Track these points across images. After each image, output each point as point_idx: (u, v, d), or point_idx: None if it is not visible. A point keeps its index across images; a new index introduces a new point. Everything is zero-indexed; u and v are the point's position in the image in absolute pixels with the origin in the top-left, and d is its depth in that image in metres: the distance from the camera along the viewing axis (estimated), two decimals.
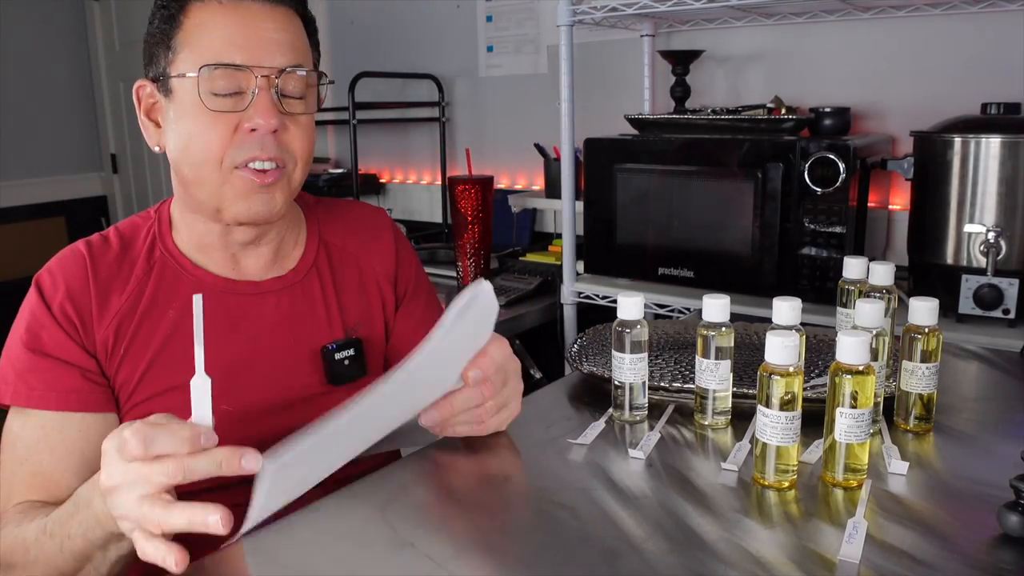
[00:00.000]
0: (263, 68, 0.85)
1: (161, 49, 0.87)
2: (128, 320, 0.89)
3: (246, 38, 0.85)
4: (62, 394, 0.85)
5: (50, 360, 0.85)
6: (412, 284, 1.09)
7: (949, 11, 1.62)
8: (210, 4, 0.86)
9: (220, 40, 0.85)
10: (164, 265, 0.93)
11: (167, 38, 0.87)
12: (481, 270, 1.97)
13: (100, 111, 3.70)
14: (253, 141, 0.86)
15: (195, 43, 0.85)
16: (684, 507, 0.70)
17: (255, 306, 0.95)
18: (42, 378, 0.85)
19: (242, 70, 0.84)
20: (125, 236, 0.95)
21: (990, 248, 1.29)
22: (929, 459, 0.79)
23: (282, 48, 0.87)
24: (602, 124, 1.89)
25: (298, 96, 0.89)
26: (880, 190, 1.62)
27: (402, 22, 2.61)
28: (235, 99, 0.85)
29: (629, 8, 1.58)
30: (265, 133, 0.85)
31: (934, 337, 0.83)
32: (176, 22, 0.86)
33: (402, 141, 2.68)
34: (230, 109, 0.85)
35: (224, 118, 0.85)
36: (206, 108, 0.84)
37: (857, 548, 0.62)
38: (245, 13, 0.86)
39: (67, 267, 0.90)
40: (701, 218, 1.57)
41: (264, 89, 0.85)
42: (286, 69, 0.86)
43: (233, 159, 0.86)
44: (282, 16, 0.88)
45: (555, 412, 0.95)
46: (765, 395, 0.72)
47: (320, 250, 1.02)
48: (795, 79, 1.87)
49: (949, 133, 1.37)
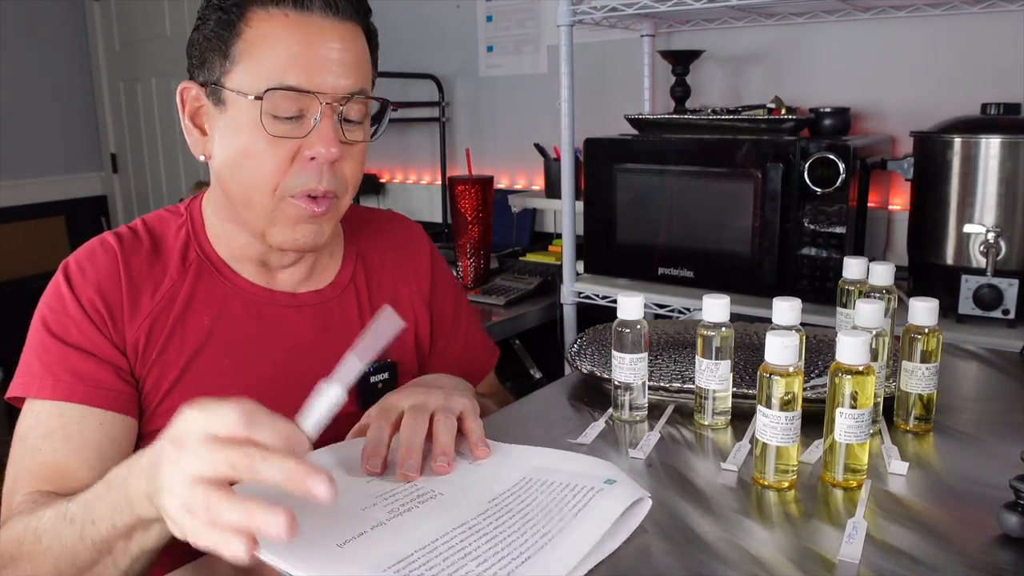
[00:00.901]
0: (327, 94, 0.80)
1: (216, 55, 0.82)
2: (161, 323, 0.85)
3: (312, 58, 0.80)
4: (91, 388, 0.81)
5: (79, 352, 0.82)
6: (449, 317, 1.05)
7: (949, 11, 1.62)
8: (275, 15, 0.80)
9: (284, 58, 0.79)
10: (200, 269, 0.89)
11: (224, 44, 0.81)
12: (481, 270, 1.97)
13: (100, 111, 3.70)
14: (311, 171, 0.81)
15: (256, 57, 0.80)
16: (684, 507, 0.70)
17: (291, 319, 0.92)
18: (70, 368, 0.81)
19: (306, 95, 0.79)
20: (155, 232, 0.91)
21: (990, 248, 1.29)
22: (929, 459, 0.79)
23: (347, 71, 0.81)
24: (602, 124, 1.89)
25: (358, 122, 0.85)
26: (880, 190, 1.62)
27: (402, 22, 2.61)
28: (296, 124, 0.80)
29: (629, 8, 1.58)
30: (324, 162, 0.81)
31: (934, 337, 0.83)
32: (235, 29, 0.80)
33: (402, 141, 2.68)
34: (290, 135, 0.80)
35: (283, 143, 0.80)
36: (265, 131, 0.80)
37: (857, 548, 0.62)
38: (312, 29, 0.80)
39: (99, 260, 0.86)
40: (701, 218, 1.57)
41: (328, 116, 0.80)
42: (351, 96, 0.82)
43: (288, 188, 0.82)
44: (349, 33, 0.83)
45: (555, 412, 0.95)
46: (765, 395, 0.72)
47: (358, 265, 0.99)
48: (795, 79, 1.87)
49: (949, 133, 1.37)
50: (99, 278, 0.84)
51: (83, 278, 0.84)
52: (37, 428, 0.81)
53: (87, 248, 0.88)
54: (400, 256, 1.03)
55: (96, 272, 0.85)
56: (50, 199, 3.49)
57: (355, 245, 1.00)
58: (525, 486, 0.70)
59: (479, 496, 0.67)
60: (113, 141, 3.73)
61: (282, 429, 0.57)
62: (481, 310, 1.85)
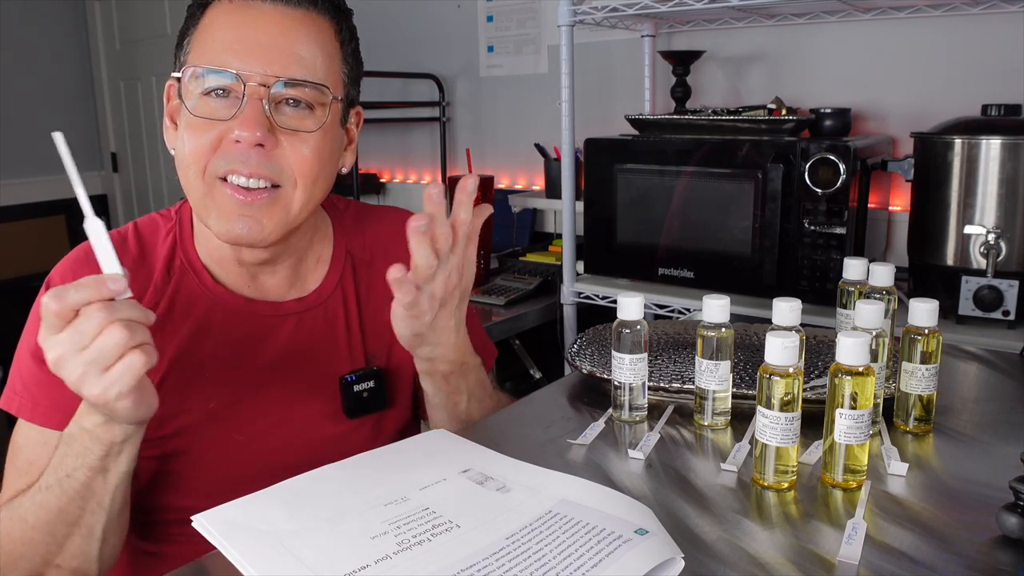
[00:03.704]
0: (254, 76, 0.79)
1: (180, 49, 0.85)
2: None
3: (243, 42, 0.80)
4: (67, 415, 0.80)
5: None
6: None
7: (949, 12, 1.62)
8: (223, 4, 0.81)
9: (219, 43, 0.80)
10: (183, 277, 0.89)
11: (182, 38, 0.84)
12: (481, 270, 1.97)
13: (100, 110, 3.70)
14: (236, 153, 0.80)
15: (199, 45, 0.82)
16: (683, 508, 0.70)
17: (273, 328, 0.90)
18: (48, 394, 0.82)
19: (227, 76, 0.79)
20: (144, 237, 0.91)
21: (990, 249, 1.29)
22: (928, 460, 0.79)
23: (282, 56, 0.80)
24: (602, 124, 1.90)
25: (306, 108, 0.82)
26: (880, 191, 1.62)
27: (402, 22, 2.61)
28: (224, 107, 0.80)
29: (630, 8, 1.58)
30: (249, 146, 0.79)
31: (934, 338, 0.83)
32: (195, 21, 0.83)
33: (402, 141, 2.68)
34: (214, 116, 0.80)
35: (210, 125, 0.80)
36: (191, 114, 0.81)
37: (856, 549, 0.62)
38: (254, 15, 0.80)
39: (79, 269, 0.85)
40: (701, 218, 1.57)
41: (254, 99, 0.79)
42: (283, 81, 0.80)
43: (215, 169, 0.81)
44: (295, 20, 0.81)
45: (554, 412, 0.95)
46: (765, 396, 0.72)
47: (346, 267, 0.96)
48: (796, 80, 1.87)
49: (950, 134, 1.37)
50: None
51: None
52: (25, 451, 0.83)
53: (71, 260, 0.87)
54: (392, 253, 0.99)
55: None
56: (50, 198, 3.49)
57: (344, 245, 0.97)
58: (548, 521, 0.64)
59: (497, 531, 0.62)
60: (113, 140, 3.73)
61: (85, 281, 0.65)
62: (481, 310, 1.85)
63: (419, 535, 0.61)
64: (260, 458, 0.86)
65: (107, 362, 0.65)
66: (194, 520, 0.61)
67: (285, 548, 0.58)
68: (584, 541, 0.61)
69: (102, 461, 0.73)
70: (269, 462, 0.80)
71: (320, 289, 0.94)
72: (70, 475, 0.74)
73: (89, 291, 0.64)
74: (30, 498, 0.77)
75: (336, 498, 0.66)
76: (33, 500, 0.76)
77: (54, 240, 3.47)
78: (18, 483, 0.82)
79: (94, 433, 0.72)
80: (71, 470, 0.74)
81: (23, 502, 0.77)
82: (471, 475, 0.71)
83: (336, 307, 0.94)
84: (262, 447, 0.86)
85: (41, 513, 0.75)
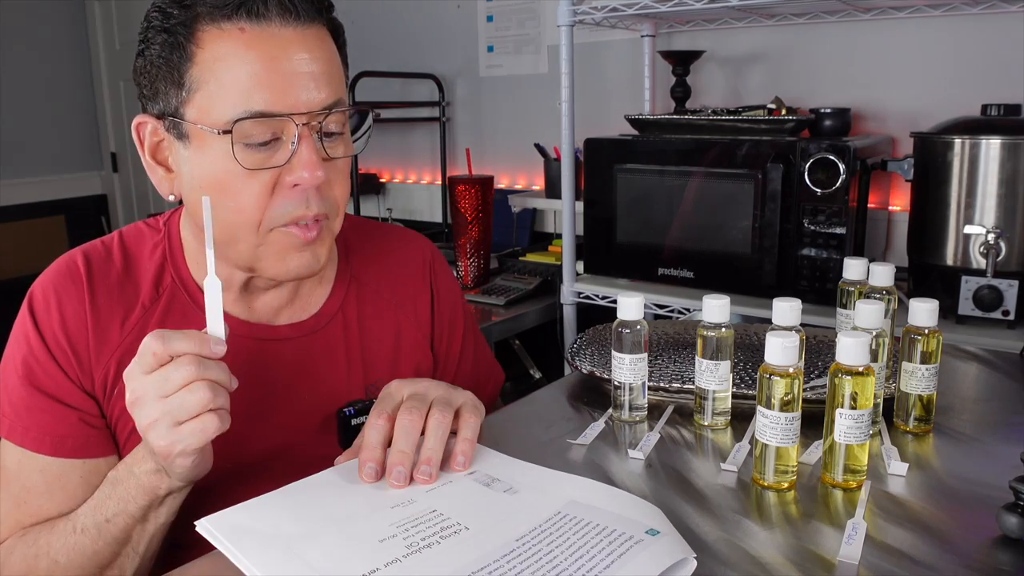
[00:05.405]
0: (302, 113, 0.72)
1: (168, 84, 0.74)
2: (130, 357, 0.75)
3: (278, 75, 0.71)
4: (57, 439, 0.78)
5: (47, 399, 0.78)
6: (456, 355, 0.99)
7: (949, 12, 1.62)
8: (229, 32, 0.71)
9: (247, 80, 0.71)
10: (174, 296, 0.83)
11: (176, 71, 0.73)
12: (481, 270, 1.97)
13: (100, 110, 3.70)
14: (296, 199, 0.74)
15: (216, 83, 0.71)
16: (683, 508, 0.70)
17: (269, 353, 0.85)
18: (37, 419, 0.78)
19: (276, 119, 0.72)
20: (129, 249, 0.85)
21: (990, 249, 1.29)
22: (928, 460, 0.79)
23: (320, 83, 0.74)
24: (602, 124, 1.90)
25: (339, 134, 0.77)
26: (880, 191, 1.62)
27: (402, 22, 2.61)
28: (271, 150, 0.73)
29: (630, 8, 1.58)
30: (310, 187, 0.74)
31: (934, 338, 0.83)
32: (186, 53, 0.72)
33: (402, 141, 2.68)
34: (267, 165, 0.73)
35: (261, 175, 0.73)
36: (239, 165, 0.72)
37: (856, 549, 0.62)
38: (273, 42, 0.71)
39: (61, 287, 0.81)
40: (701, 218, 1.57)
41: (306, 137, 0.73)
42: (329, 110, 0.74)
43: (273, 220, 0.75)
44: (315, 39, 0.75)
45: (554, 412, 0.95)
46: (765, 396, 0.72)
47: (350, 291, 0.91)
48: (795, 80, 1.87)
49: (949, 134, 1.37)
50: (62, 309, 0.80)
51: (48, 315, 0.80)
52: (20, 477, 0.78)
53: (54, 274, 0.82)
54: (399, 279, 0.95)
55: (60, 307, 0.80)
56: (50, 198, 3.49)
57: (349, 267, 0.92)
58: (558, 523, 0.63)
59: (507, 533, 0.61)
60: (113, 140, 3.72)
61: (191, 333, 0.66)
62: (481, 310, 1.85)
63: (428, 537, 0.60)
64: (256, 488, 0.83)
65: (183, 417, 0.65)
66: (198, 524, 0.60)
67: (293, 552, 0.58)
68: (595, 542, 0.60)
69: (143, 511, 0.72)
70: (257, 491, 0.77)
71: (320, 313, 0.89)
72: (110, 520, 0.73)
73: (192, 344, 0.65)
74: (62, 538, 0.74)
75: (341, 500, 0.66)
76: (66, 542, 0.74)
77: (54, 240, 3.47)
78: (16, 512, 0.78)
79: (141, 480, 0.71)
80: (111, 515, 0.73)
81: (53, 542, 0.75)
82: (477, 476, 0.71)
83: (335, 333, 0.89)
84: (250, 475, 0.82)
85: (75, 556, 0.74)
